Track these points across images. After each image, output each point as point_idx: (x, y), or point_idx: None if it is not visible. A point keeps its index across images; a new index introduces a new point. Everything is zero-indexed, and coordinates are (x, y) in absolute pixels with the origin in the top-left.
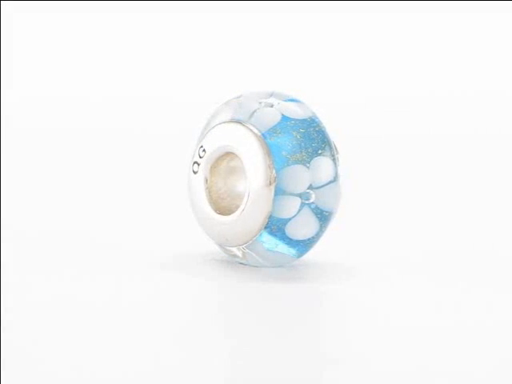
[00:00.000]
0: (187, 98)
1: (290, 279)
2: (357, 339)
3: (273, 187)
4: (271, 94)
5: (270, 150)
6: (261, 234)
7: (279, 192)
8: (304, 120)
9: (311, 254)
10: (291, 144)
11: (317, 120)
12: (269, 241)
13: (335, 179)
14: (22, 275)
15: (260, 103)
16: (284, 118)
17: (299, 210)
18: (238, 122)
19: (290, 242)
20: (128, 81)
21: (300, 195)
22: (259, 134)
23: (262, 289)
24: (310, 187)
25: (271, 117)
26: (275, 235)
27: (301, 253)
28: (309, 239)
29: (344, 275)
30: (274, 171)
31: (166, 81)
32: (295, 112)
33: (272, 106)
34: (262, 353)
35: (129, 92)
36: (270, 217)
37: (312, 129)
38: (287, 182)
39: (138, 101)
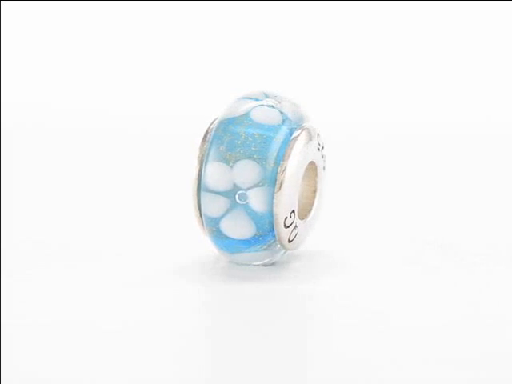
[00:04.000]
0: (188, 98)
1: (276, 278)
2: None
3: (196, 181)
4: (280, 100)
5: (204, 146)
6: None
7: (204, 188)
8: (261, 125)
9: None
10: (234, 142)
11: (279, 130)
12: (216, 242)
13: (263, 184)
14: (21, 282)
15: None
16: (246, 115)
17: (230, 210)
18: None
19: (234, 240)
20: (126, 82)
21: (236, 195)
22: (209, 127)
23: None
24: (237, 188)
25: (237, 109)
26: (215, 235)
27: (259, 249)
28: (255, 237)
29: (335, 273)
30: (199, 166)
31: (165, 81)
32: (261, 115)
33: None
34: (246, 354)
35: (127, 93)
36: (201, 214)
37: (265, 136)
38: (208, 179)
39: (137, 102)
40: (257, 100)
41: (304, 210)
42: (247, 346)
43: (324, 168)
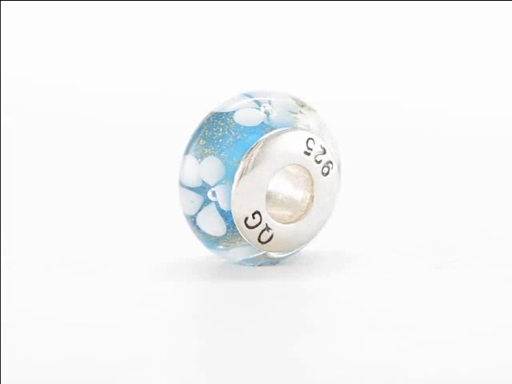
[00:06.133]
0: (186, 95)
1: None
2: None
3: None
4: (274, 101)
5: (191, 138)
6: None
7: (180, 183)
8: (239, 125)
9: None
10: (213, 139)
11: (254, 132)
12: (202, 240)
13: (226, 182)
14: (20, 282)
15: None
16: (231, 113)
17: (203, 206)
18: None
19: (213, 237)
20: (127, 82)
21: (209, 192)
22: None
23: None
24: (207, 184)
25: (230, 105)
26: (200, 235)
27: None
28: (229, 233)
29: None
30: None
31: (163, 77)
32: (243, 115)
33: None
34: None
35: (123, 88)
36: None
37: (239, 136)
38: (183, 174)
39: (138, 100)
40: (250, 97)
41: (296, 214)
42: (245, 346)
43: (326, 174)
